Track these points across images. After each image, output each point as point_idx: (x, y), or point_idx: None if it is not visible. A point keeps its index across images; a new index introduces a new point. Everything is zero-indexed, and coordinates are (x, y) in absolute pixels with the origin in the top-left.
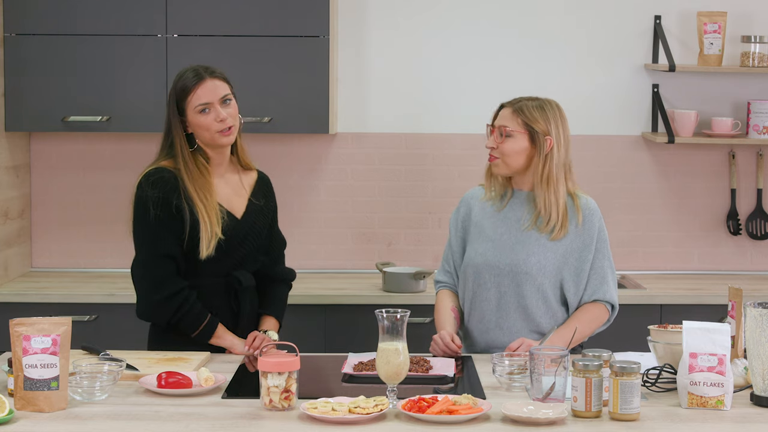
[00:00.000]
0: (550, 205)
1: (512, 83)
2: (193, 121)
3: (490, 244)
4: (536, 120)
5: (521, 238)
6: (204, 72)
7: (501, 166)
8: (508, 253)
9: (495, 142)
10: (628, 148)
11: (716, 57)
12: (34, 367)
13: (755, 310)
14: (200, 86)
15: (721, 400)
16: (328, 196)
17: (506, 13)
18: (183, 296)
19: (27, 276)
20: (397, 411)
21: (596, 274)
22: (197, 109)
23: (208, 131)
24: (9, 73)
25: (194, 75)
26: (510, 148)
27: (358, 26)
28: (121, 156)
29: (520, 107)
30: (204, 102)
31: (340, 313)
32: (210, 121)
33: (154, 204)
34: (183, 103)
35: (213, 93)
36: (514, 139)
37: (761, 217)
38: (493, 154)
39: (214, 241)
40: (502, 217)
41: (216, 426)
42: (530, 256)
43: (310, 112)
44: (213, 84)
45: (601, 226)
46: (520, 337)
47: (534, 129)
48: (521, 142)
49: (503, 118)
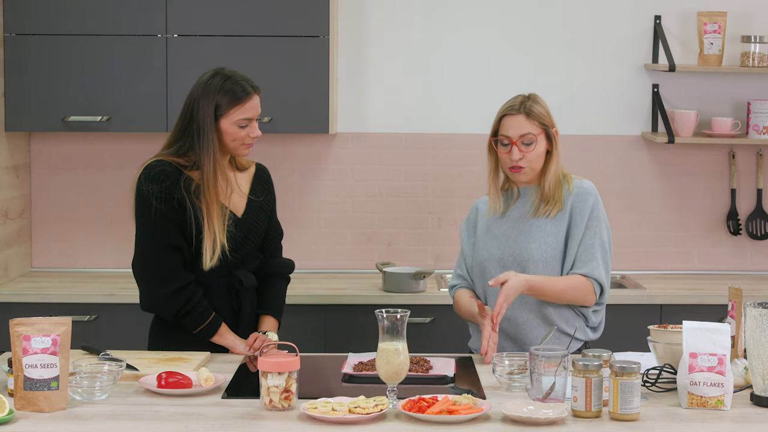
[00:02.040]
0: (550, 186)
1: (512, 83)
2: (226, 129)
3: (495, 241)
4: (543, 116)
5: (524, 229)
6: (253, 87)
7: (528, 173)
8: (511, 245)
9: (521, 153)
10: (628, 148)
11: (716, 57)
12: (34, 367)
13: (755, 310)
14: (250, 101)
15: (721, 400)
16: (328, 196)
17: (506, 14)
18: (190, 291)
19: (27, 276)
20: (397, 411)
21: (585, 251)
22: (239, 123)
23: (235, 142)
24: (9, 73)
25: (246, 87)
26: (535, 154)
27: (358, 26)
28: (121, 156)
29: (528, 110)
30: (248, 117)
31: (340, 313)
32: (244, 135)
33: (157, 197)
34: (225, 110)
35: (256, 110)
36: (537, 143)
37: (761, 217)
38: (519, 164)
39: (219, 251)
40: (507, 216)
41: (216, 426)
42: (531, 242)
43: (310, 112)
44: (257, 101)
45: (595, 205)
46: (530, 327)
47: (546, 125)
48: (542, 144)
49: (520, 127)
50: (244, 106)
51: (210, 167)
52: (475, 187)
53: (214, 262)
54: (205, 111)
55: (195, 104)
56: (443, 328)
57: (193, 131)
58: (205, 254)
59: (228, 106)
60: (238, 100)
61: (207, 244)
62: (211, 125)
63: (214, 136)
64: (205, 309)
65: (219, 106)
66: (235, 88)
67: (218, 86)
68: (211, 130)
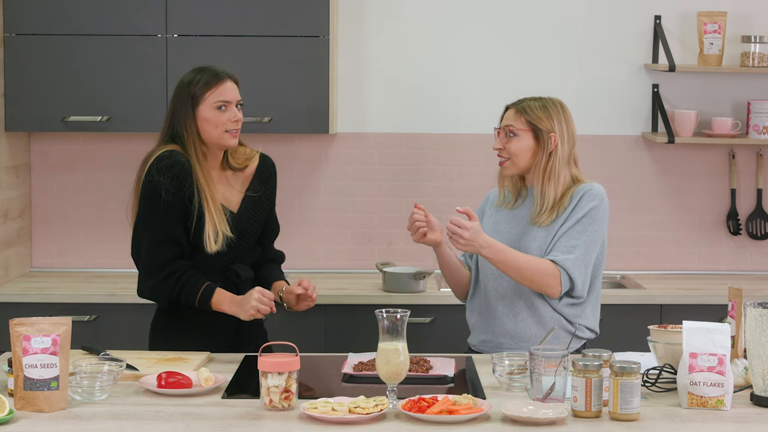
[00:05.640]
0: (549, 197)
1: (512, 83)
2: (206, 116)
3: (499, 237)
4: (540, 118)
5: (528, 229)
6: (227, 74)
7: (510, 167)
8: (515, 245)
9: (501, 142)
10: (628, 148)
11: (716, 57)
12: (34, 367)
13: (755, 310)
14: (223, 84)
15: (721, 400)
16: (328, 196)
17: (506, 13)
18: (180, 271)
19: (27, 276)
20: (397, 411)
21: (567, 242)
22: (215, 105)
23: (218, 129)
24: (9, 73)
25: (217, 72)
26: (516, 147)
27: (358, 26)
28: (121, 156)
29: (522, 107)
30: (224, 99)
31: (340, 313)
32: (225, 119)
33: (166, 190)
34: (200, 97)
35: (233, 93)
36: (519, 138)
37: (761, 217)
38: (501, 155)
39: (222, 237)
40: (515, 214)
41: (216, 426)
42: (531, 242)
43: (310, 112)
44: (233, 86)
45: (597, 206)
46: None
47: (538, 127)
48: (526, 141)
49: (507, 119)
50: (218, 89)
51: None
52: (475, 187)
53: (219, 246)
54: (184, 103)
55: (174, 99)
56: (443, 328)
57: (175, 127)
58: (208, 238)
59: (202, 90)
60: (210, 83)
61: (209, 228)
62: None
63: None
64: (197, 280)
65: (194, 95)
66: (207, 74)
67: (191, 77)
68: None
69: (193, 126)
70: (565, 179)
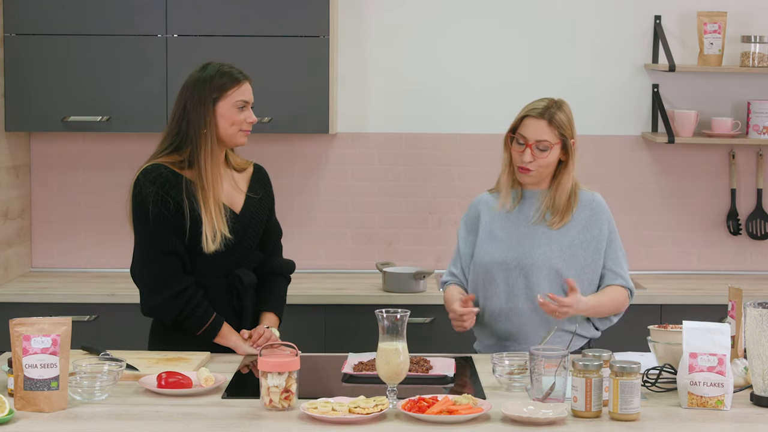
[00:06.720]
0: (561, 199)
1: (512, 83)
2: (224, 113)
3: (499, 243)
4: (564, 126)
5: (528, 233)
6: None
7: (535, 176)
8: (515, 248)
9: (533, 157)
10: (628, 148)
11: (716, 57)
12: (34, 367)
13: (755, 310)
14: (245, 84)
15: (721, 400)
16: (328, 196)
17: (506, 13)
18: (189, 294)
19: (27, 276)
20: (397, 411)
21: (615, 263)
22: (237, 104)
23: (233, 126)
24: (9, 73)
25: (240, 71)
26: (547, 161)
27: (358, 26)
28: (121, 156)
29: (551, 117)
30: (245, 99)
31: (340, 313)
32: (241, 118)
33: (154, 201)
34: (223, 92)
35: (251, 95)
36: (551, 151)
37: (761, 217)
38: (528, 167)
39: (220, 236)
40: (512, 218)
41: (216, 426)
42: (536, 248)
43: (310, 112)
44: (250, 88)
45: (610, 220)
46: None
47: (565, 136)
48: (556, 153)
49: (539, 132)
50: (242, 87)
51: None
52: (475, 187)
53: (217, 245)
54: (203, 97)
55: (191, 94)
56: (443, 328)
57: (190, 120)
58: (205, 238)
59: (227, 86)
60: (236, 80)
61: (206, 227)
62: (209, 109)
63: (211, 121)
64: (206, 310)
65: (217, 88)
66: (232, 71)
67: (214, 71)
68: (209, 113)
69: (213, 120)
70: (573, 181)
